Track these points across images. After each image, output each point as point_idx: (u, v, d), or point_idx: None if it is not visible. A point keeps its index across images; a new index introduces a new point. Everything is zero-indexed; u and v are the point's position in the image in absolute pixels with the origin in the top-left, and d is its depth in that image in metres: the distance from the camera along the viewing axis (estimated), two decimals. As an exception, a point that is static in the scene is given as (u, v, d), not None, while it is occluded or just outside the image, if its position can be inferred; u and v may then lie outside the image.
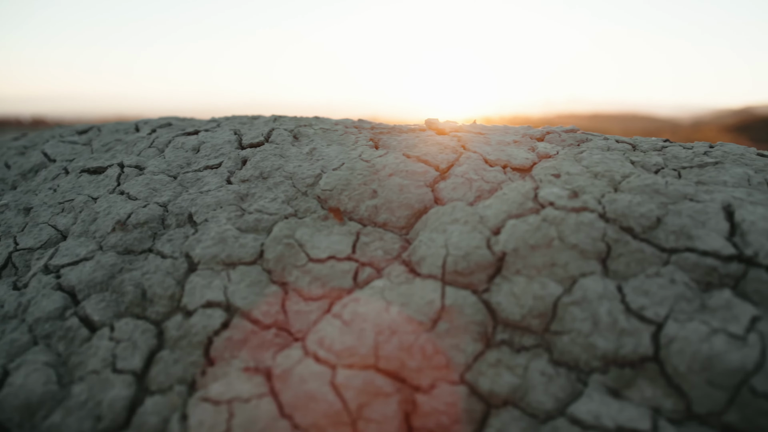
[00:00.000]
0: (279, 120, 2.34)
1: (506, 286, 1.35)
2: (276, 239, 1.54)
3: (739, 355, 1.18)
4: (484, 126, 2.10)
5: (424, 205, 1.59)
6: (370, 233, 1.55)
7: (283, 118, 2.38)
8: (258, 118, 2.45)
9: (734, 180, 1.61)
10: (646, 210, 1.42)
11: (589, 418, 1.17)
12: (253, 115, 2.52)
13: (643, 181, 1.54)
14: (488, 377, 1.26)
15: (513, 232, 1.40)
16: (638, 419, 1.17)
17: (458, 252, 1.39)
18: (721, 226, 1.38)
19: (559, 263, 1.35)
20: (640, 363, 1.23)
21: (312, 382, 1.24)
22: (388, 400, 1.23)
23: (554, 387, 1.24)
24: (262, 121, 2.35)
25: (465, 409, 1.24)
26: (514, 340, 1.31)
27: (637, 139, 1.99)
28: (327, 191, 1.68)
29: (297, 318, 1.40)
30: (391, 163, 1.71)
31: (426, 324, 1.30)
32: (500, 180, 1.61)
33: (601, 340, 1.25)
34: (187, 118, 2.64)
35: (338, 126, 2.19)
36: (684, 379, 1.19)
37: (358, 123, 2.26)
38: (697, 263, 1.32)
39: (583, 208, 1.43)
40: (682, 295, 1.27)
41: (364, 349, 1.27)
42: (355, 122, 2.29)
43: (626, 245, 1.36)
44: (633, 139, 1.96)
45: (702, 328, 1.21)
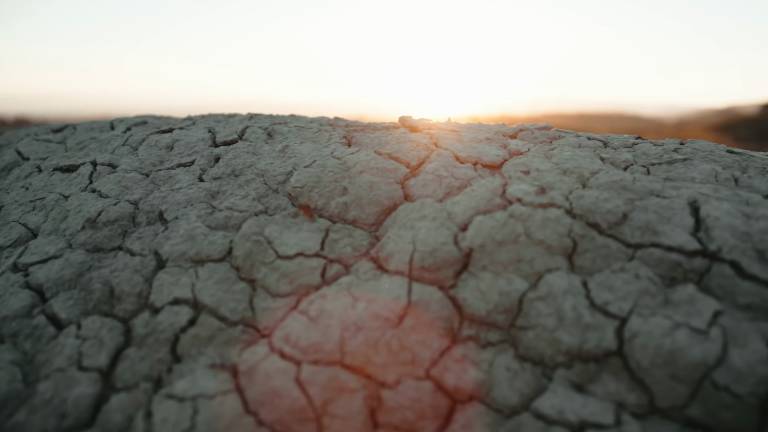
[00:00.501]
0: (255, 118, 2.33)
1: (473, 282, 1.35)
2: (245, 236, 1.53)
3: (701, 349, 1.18)
4: (458, 124, 2.11)
5: (394, 201, 1.59)
6: (339, 230, 1.55)
7: (259, 116, 2.38)
8: (234, 116, 2.45)
9: (702, 176, 1.62)
10: (612, 206, 1.42)
11: (553, 413, 1.18)
12: (230, 113, 2.51)
13: (611, 177, 1.55)
14: (453, 373, 1.26)
15: (480, 229, 1.41)
16: (601, 413, 1.17)
17: (425, 248, 1.39)
18: (686, 222, 1.39)
19: (525, 259, 1.35)
20: (604, 358, 1.23)
21: (277, 378, 1.24)
22: (353, 396, 1.23)
23: (519, 382, 1.24)
24: (237, 119, 2.35)
25: (430, 405, 1.24)
26: (480, 335, 1.31)
27: (610, 136, 2.00)
28: (298, 188, 1.68)
29: (264, 314, 1.40)
30: (363, 160, 1.71)
31: (392, 320, 1.30)
32: (470, 177, 1.62)
33: (565, 335, 1.25)
34: (164, 117, 2.63)
35: (313, 124, 2.19)
36: (647, 373, 1.20)
37: (333, 121, 2.26)
38: (662, 258, 1.33)
39: (550, 204, 1.43)
40: (646, 290, 1.28)
41: (330, 345, 1.27)
42: (330, 120, 2.29)
43: (592, 241, 1.37)
44: (605, 137, 1.97)
45: (665, 323, 1.22)
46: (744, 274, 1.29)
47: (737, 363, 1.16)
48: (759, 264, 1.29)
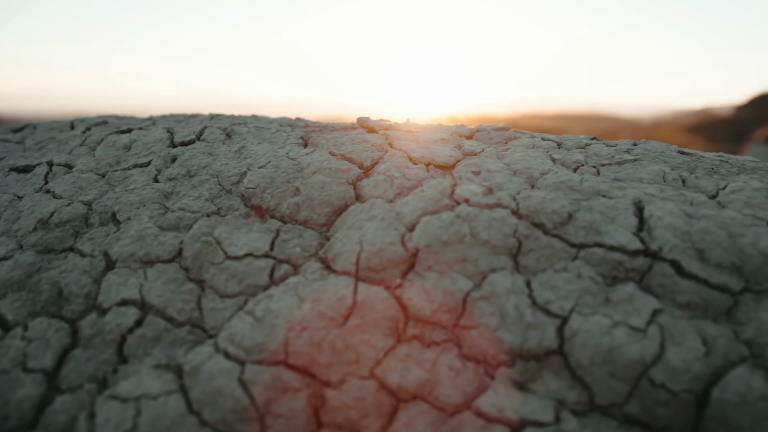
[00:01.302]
0: (216, 118, 2.33)
1: (418, 282, 1.36)
2: (194, 237, 1.54)
3: (639, 347, 1.20)
4: (416, 125, 2.12)
5: (345, 202, 1.60)
6: (289, 230, 1.55)
7: (219, 116, 2.37)
8: (196, 116, 2.45)
9: (650, 177, 1.65)
10: (558, 206, 1.44)
11: (493, 411, 1.19)
12: (192, 114, 2.51)
13: (559, 177, 1.57)
14: (397, 372, 1.27)
15: (426, 229, 1.42)
16: (541, 411, 1.19)
17: (372, 248, 1.40)
18: (630, 222, 1.41)
19: (470, 259, 1.37)
20: (545, 356, 1.25)
21: (220, 378, 1.24)
22: (296, 396, 1.24)
23: (461, 381, 1.25)
24: (198, 119, 2.35)
25: (374, 404, 1.25)
26: (425, 335, 1.32)
27: (565, 137, 2.02)
28: (251, 189, 1.68)
29: (212, 315, 1.40)
30: (316, 161, 1.72)
31: (337, 320, 1.31)
32: (422, 177, 1.63)
33: (507, 335, 1.27)
34: (126, 117, 2.62)
35: (272, 124, 2.19)
36: (586, 371, 1.21)
37: (293, 121, 2.26)
38: (605, 258, 1.35)
39: (496, 205, 1.45)
40: (587, 289, 1.30)
41: (274, 345, 1.28)
42: (291, 120, 2.29)
43: (536, 241, 1.38)
44: (560, 137, 1.99)
45: (604, 322, 1.24)
46: (684, 273, 1.31)
47: (674, 361, 1.18)
48: (698, 263, 1.32)
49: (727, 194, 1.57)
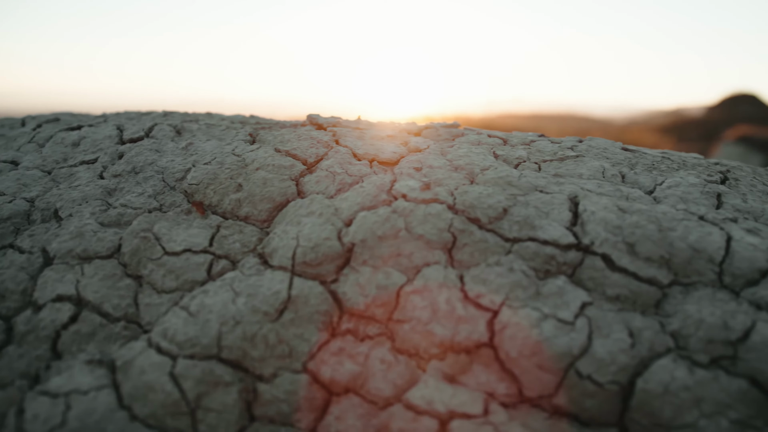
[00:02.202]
0: (169, 116, 2.32)
1: (353, 277, 1.37)
2: (133, 233, 1.53)
3: (567, 339, 1.22)
4: (367, 122, 2.12)
5: (287, 198, 1.60)
6: (230, 226, 1.55)
7: (173, 114, 2.37)
8: (150, 113, 2.44)
9: (590, 173, 1.67)
10: (494, 201, 1.45)
11: (422, 404, 1.20)
12: (147, 111, 2.50)
13: (498, 173, 1.58)
14: (330, 366, 1.28)
15: (363, 224, 1.43)
16: (470, 404, 1.20)
17: (308, 243, 1.41)
18: (564, 216, 1.43)
19: (404, 253, 1.38)
20: (476, 349, 1.26)
21: (151, 372, 1.24)
22: (228, 390, 1.24)
23: (393, 374, 1.26)
24: (150, 116, 2.34)
25: (306, 397, 1.25)
26: (359, 329, 1.33)
27: (514, 134, 2.04)
28: (194, 185, 1.68)
29: (147, 310, 1.40)
30: (261, 157, 1.72)
31: (271, 314, 1.31)
32: (364, 173, 1.64)
33: (438, 328, 1.28)
34: (80, 114, 2.60)
35: (224, 122, 2.19)
36: (516, 364, 1.23)
37: (245, 119, 2.26)
38: (537, 252, 1.36)
39: (433, 200, 1.46)
40: (519, 282, 1.31)
41: (207, 340, 1.28)
42: (243, 118, 2.29)
43: (471, 235, 1.40)
44: (507, 134, 2.00)
45: (533, 315, 1.25)
46: (614, 266, 1.33)
47: (600, 352, 1.20)
48: (628, 257, 1.34)
49: (664, 189, 1.59)
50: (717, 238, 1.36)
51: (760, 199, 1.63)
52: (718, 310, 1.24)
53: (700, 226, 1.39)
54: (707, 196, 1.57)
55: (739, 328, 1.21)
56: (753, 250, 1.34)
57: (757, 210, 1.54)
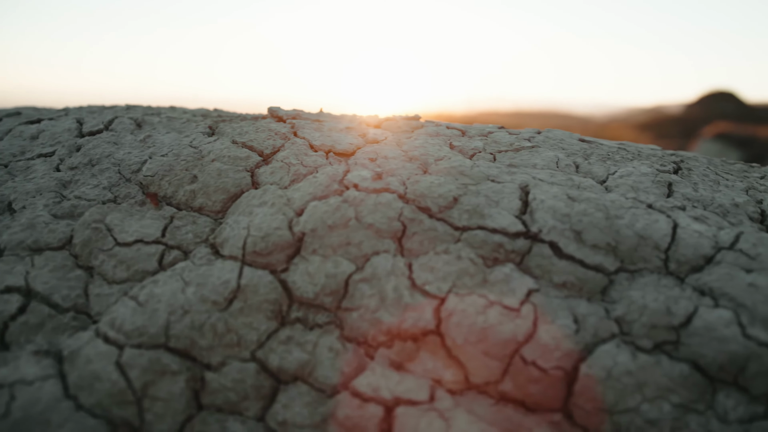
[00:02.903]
0: (131, 109, 2.31)
1: (303, 266, 1.37)
2: (85, 224, 1.53)
3: (512, 326, 1.23)
4: (329, 114, 2.13)
5: (241, 189, 1.60)
6: (184, 217, 1.55)
7: (135, 107, 2.36)
8: (113, 107, 2.43)
9: (544, 162, 1.68)
10: (444, 191, 1.46)
11: (369, 391, 1.21)
12: (111, 105, 2.48)
13: (451, 163, 1.59)
14: (278, 354, 1.28)
15: (313, 213, 1.43)
16: (416, 390, 1.21)
17: (258, 233, 1.41)
18: (514, 205, 1.43)
19: (353, 242, 1.38)
20: (423, 336, 1.27)
21: (97, 362, 1.24)
22: (175, 378, 1.24)
23: (341, 362, 1.27)
24: (112, 110, 2.33)
25: (254, 386, 1.26)
26: (308, 317, 1.33)
27: (474, 126, 2.05)
28: (149, 177, 1.68)
29: (97, 301, 1.39)
30: (217, 149, 1.72)
31: (220, 303, 1.32)
32: (319, 164, 1.64)
33: (386, 315, 1.28)
34: (43, 108, 2.59)
35: (186, 114, 2.18)
36: (462, 350, 1.24)
37: (208, 112, 2.26)
38: (486, 240, 1.37)
39: (384, 189, 1.46)
40: (466, 270, 1.32)
41: (154, 329, 1.28)
42: (206, 111, 2.28)
43: (421, 224, 1.40)
44: (466, 126, 2.01)
45: (479, 302, 1.26)
46: (561, 253, 1.34)
47: (545, 338, 1.21)
48: (575, 244, 1.35)
49: (616, 179, 1.60)
50: (663, 226, 1.37)
51: (711, 188, 1.65)
52: (661, 296, 1.26)
53: (648, 214, 1.40)
54: (658, 185, 1.59)
55: (681, 313, 1.23)
56: (698, 237, 1.35)
57: (707, 198, 1.56)
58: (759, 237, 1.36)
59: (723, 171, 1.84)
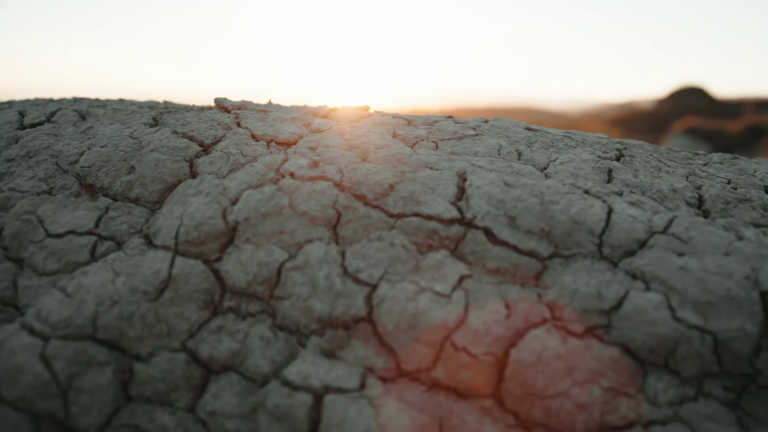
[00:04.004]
0: (78, 101, 2.28)
1: (236, 255, 1.36)
2: (15, 215, 1.50)
3: (443, 312, 1.22)
4: (277, 105, 2.11)
5: (179, 179, 1.58)
6: (119, 208, 1.53)
7: (83, 99, 2.32)
8: (60, 100, 2.39)
9: (486, 150, 1.67)
10: (380, 178, 1.45)
11: (298, 379, 1.19)
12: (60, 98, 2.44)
13: (390, 151, 1.58)
14: (208, 344, 1.26)
15: (247, 202, 1.41)
16: (346, 378, 1.19)
17: (191, 222, 1.39)
18: (450, 192, 1.43)
19: (287, 230, 1.37)
20: (354, 324, 1.26)
21: (21, 354, 1.21)
22: (102, 370, 1.22)
23: (272, 351, 1.25)
24: (58, 102, 2.29)
25: (183, 376, 1.24)
26: (240, 306, 1.32)
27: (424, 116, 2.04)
28: (86, 168, 1.65)
29: (26, 293, 1.37)
30: (157, 139, 1.70)
31: (150, 293, 1.29)
32: (259, 153, 1.62)
33: (317, 303, 1.27)
34: (-8, 103, 2.54)
35: (133, 106, 2.15)
36: (393, 337, 1.23)
37: (156, 104, 2.23)
38: (420, 227, 1.36)
39: (320, 177, 1.45)
40: (398, 257, 1.31)
41: (81, 320, 1.25)
42: (154, 103, 2.25)
43: (355, 212, 1.39)
44: (413, 116, 2.00)
45: (410, 288, 1.25)
46: (495, 239, 1.34)
47: (475, 324, 1.21)
48: (509, 230, 1.34)
49: (556, 166, 1.60)
50: (598, 211, 1.37)
51: (652, 174, 1.65)
52: (593, 281, 1.25)
53: (583, 199, 1.40)
54: (598, 172, 1.59)
55: (612, 297, 1.22)
56: (632, 221, 1.35)
57: (646, 184, 1.56)
58: (692, 221, 1.37)
59: (667, 158, 1.85)
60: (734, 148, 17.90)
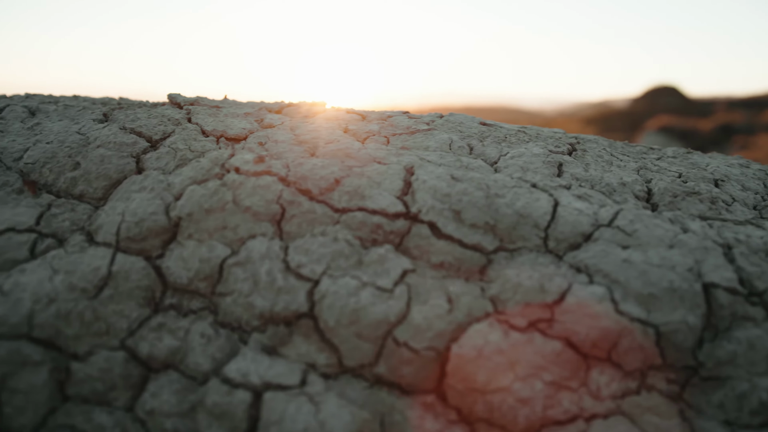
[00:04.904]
0: (30, 98, 2.24)
1: (178, 251, 1.34)
2: (-49, 213, 1.46)
3: (384, 307, 1.21)
4: (232, 101, 2.09)
5: (124, 175, 1.55)
6: (62, 205, 1.50)
7: (35, 96, 2.28)
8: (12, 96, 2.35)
9: (437, 144, 1.66)
10: (327, 172, 1.43)
11: (238, 377, 1.17)
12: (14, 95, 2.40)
13: (338, 146, 1.56)
14: (148, 342, 1.24)
15: (191, 197, 1.39)
16: (287, 375, 1.18)
17: (133, 219, 1.37)
18: (396, 186, 1.41)
19: (230, 226, 1.35)
20: (296, 320, 1.24)
21: (-48, 354, 1.18)
22: (37, 369, 1.19)
23: (212, 348, 1.23)
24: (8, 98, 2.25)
25: (122, 375, 1.22)
26: (182, 303, 1.30)
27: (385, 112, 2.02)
28: (30, 164, 1.61)
29: (-39, 292, 1.34)
30: (104, 135, 1.67)
31: (89, 291, 1.27)
32: (207, 149, 1.60)
33: (259, 299, 1.25)
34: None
35: (85, 102, 2.12)
36: (334, 333, 1.21)
37: (109, 100, 2.19)
38: (364, 221, 1.35)
39: (265, 172, 1.43)
40: (341, 252, 1.29)
41: (16, 318, 1.22)
42: (108, 99, 2.22)
43: (299, 206, 1.37)
44: (367, 111, 1.99)
45: (352, 283, 1.24)
46: (440, 233, 1.33)
47: (417, 319, 1.19)
48: (454, 224, 1.33)
49: (507, 160, 1.60)
50: (544, 204, 1.37)
51: (603, 168, 1.65)
52: (536, 274, 1.25)
53: (530, 193, 1.39)
54: (548, 166, 1.58)
55: (555, 290, 1.22)
56: (578, 214, 1.35)
57: (595, 178, 1.56)
58: (637, 214, 1.36)
59: (621, 153, 1.85)
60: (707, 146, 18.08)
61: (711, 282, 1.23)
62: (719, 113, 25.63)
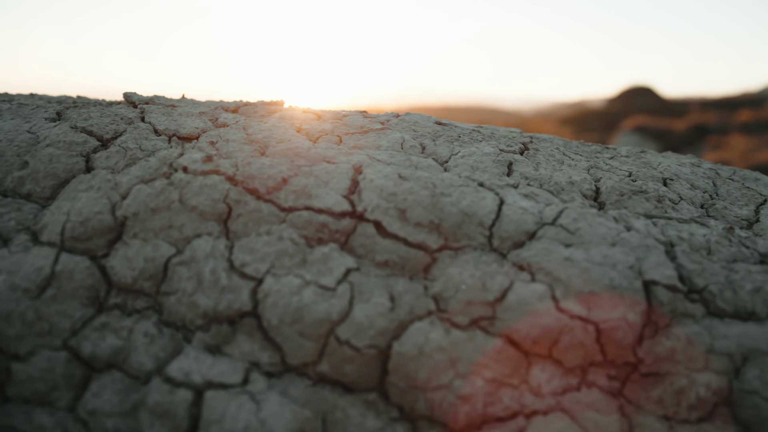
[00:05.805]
0: (-13, 98, 2.22)
1: (123, 250, 1.33)
2: None
3: (327, 305, 1.21)
4: (189, 100, 2.08)
5: (73, 174, 1.54)
6: (8, 204, 1.49)
7: (-9, 95, 2.26)
8: (-29, 96, 2.33)
9: (389, 144, 1.67)
10: (274, 172, 1.43)
11: (180, 376, 1.17)
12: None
13: (289, 146, 1.57)
14: (91, 341, 1.24)
15: (137, 197, 1.39)
16: (229, 373, 1.18)
17: (78, 218, 1.36)
18: (343, 185, 1.42)
19: (175, 225, 1.35)
20: (239, 319, 1.24)
21: None
22: (-24, 370, 1.19)
23: (155, 347, 1.23)
24: (-34, 98, 2.23)
25: (64, 375, 1.21)
26: (127, 303, 1.29)
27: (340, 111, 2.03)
28: (-23, 164, 1.60)
29: None
30: (54, 134, 1.66)
31: (32, 291, 1.26)
32: (158, 148, 1.60)
33: (203, 298, 1.25)
34: None
35: (41, 101, 2.10)
36: (277, 331, 1.21)
37: (65, 98, 2.18)
38: (310, 220, 1.35)
39: (213, 172, 1.43)
40: (285, 251, 1.30)
41: (-45, 320, 1.22)
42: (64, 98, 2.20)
43: (246, 206, 1.37)
44: (323, 111, 1.99)
45: (295, 282, 1.24)
46: (385, 232, 1.33)
47: (359, 317, 1.20)
48: (399, 222, 1.34)
49: (457, 159, 1.61)
50: (489, 203, 1.38)
51: (553, 167, 1.66)
52: (479, 272, 1.26)
53: (476, 192, 1.40)
54: (498, 165, 1.59)
55: (496, 288, 1.23)
56: (522, 213, 1.36)
57: (545, 177, 1.57)
58: (581, 212, 1.38)
59: (574, 152, 1.86)
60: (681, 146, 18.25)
61: (651, 279, 1.25)
62: (693, 113, 25.90)
